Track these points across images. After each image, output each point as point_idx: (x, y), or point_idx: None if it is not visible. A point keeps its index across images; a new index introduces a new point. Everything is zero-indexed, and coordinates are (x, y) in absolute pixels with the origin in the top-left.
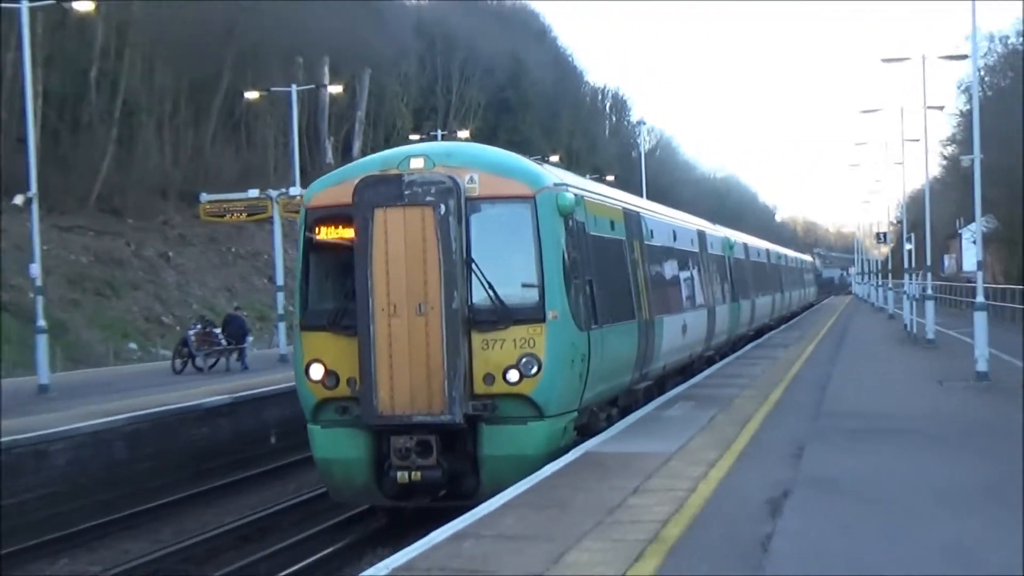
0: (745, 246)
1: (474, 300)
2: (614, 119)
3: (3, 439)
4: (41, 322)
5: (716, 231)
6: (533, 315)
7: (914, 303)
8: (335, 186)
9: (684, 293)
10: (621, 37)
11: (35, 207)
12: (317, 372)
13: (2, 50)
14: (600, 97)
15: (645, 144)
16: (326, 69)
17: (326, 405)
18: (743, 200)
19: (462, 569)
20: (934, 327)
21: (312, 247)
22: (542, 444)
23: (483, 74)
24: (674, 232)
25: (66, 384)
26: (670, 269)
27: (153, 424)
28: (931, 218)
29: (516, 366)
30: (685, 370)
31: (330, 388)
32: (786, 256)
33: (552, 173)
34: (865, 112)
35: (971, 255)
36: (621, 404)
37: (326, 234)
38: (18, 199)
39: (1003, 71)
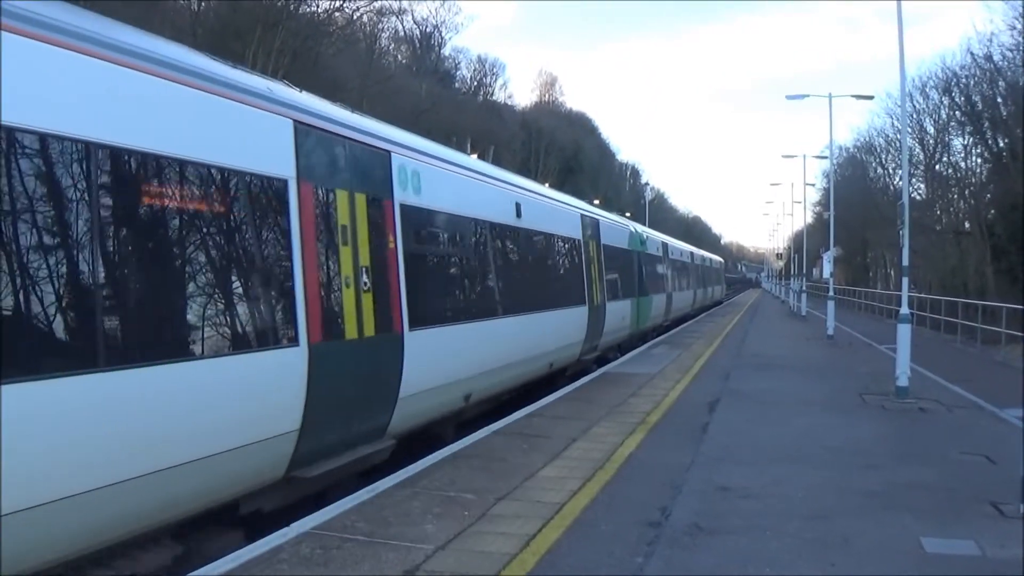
0: (665, 244)
1: None
2: (631, 180)
3: None
4: None
5: (613, 223)
6: None
7: (795, 294)
8: None
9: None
10: (638, 129)
11: None
12: None
13: None
14: (624, 168)
15: (648, 196)
16: (468, 145)
17: None
18: (703, 231)
19: (535, 433)
20: (806, 309)
21: None
22: None
23: (557, 151)
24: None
25: None
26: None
27: None
28: (806, 245)
29: None
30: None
31: None
32: (710, 258)
33: None
34: (773, 184)
35: (827, 268)
36: None
37: None
38: None
39: (846, 166)
